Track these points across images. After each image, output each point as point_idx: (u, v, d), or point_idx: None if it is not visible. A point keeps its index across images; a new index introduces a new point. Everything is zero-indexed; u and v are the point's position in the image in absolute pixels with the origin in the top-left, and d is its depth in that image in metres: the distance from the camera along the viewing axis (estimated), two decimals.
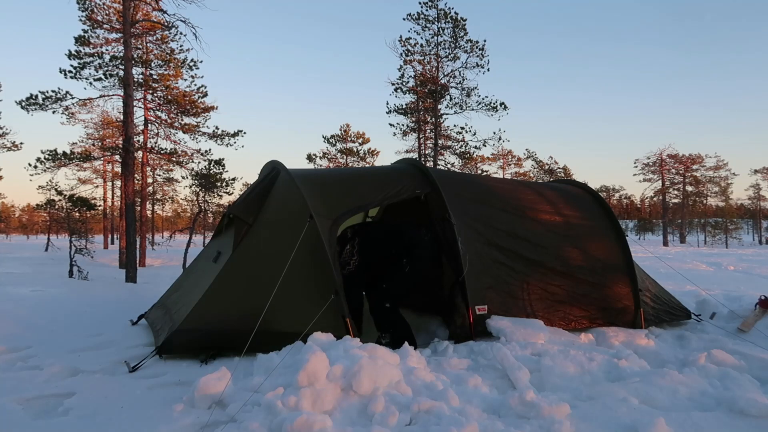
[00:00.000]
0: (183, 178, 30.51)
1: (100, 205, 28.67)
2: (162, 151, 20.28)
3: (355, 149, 37.72)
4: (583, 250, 4.89)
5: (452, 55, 22.88)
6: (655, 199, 49.43)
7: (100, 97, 17.06)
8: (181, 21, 11.02)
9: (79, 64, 17.00)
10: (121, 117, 12.35)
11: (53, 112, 16.41)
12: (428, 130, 25.78)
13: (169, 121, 20.04)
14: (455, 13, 22.60)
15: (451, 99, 23.15)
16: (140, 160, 19.70)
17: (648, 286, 5.15)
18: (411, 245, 4.43)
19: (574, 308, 4.60)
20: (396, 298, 4.32)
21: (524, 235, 4.72)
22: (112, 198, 35.07)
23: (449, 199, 4.49)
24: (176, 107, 19.62)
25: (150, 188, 28.20)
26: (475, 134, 25.45)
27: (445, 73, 22.99)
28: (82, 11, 17.12)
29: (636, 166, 46.47)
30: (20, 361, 3.81)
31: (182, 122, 20.14)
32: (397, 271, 4.35)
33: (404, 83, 24.16)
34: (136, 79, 16.08)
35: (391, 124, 26.66)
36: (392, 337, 4.01)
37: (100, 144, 24.71)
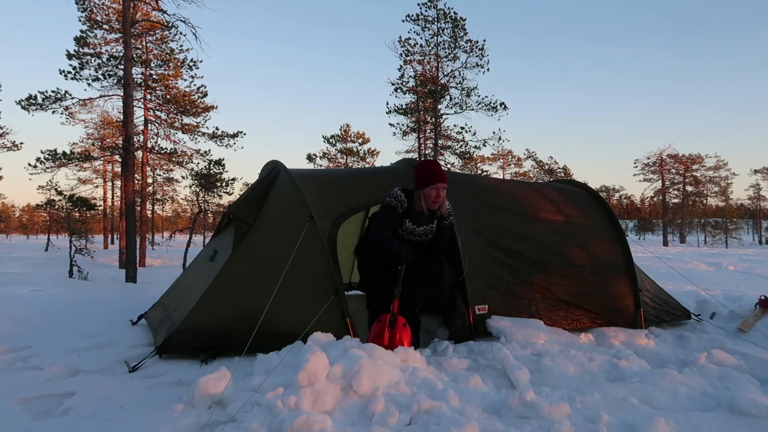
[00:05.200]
0: (183, 178, 30.51)
1: (100, 205, 28.71)
2: (162, 151, 20.30)
3: (355, 149, 37.75)
4: (583, 250, 4.89)
5: (452, 55, 22.91)
6: (655, 199, 49.52)
7: (100, 97, 17.10)
8: (181, 21, 11.04)
9: (78, 64, 17.01)
10: (121, 117, 12.35)
11: (53, 112, 16.45)
12: (428, 130, 25.81)
13: (168, 121, 20.05)
14: (455, 12, 22.63)
15: (451, 99, 23.19)
16: (140, 160, 19.71)
17: (647, 286, 5.16)
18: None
19: (575, 308, 4.59)
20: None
21: (525, 234, 4.72)
22: (112, 198, 35.12)
23: (449, 199, 4.48)
24: (176, 107, 19.63)
25: (150, 188, 28.22)
26: (475, 134, 25.54)
27: (445, 73, 23.02)
28: (82, 11, 17.12)
29: (636, 166, 46.64)
30: (20, 361, 3.81)
31: (182, 122, 20.17)
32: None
33: (404, 83, 24.19)
34: (135, 79, 16.07)
35: (391, 124, 26.70)
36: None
37: (100, 144, 24.71)
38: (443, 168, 3.98)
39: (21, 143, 26.65)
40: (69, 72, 16.81)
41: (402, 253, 3.66)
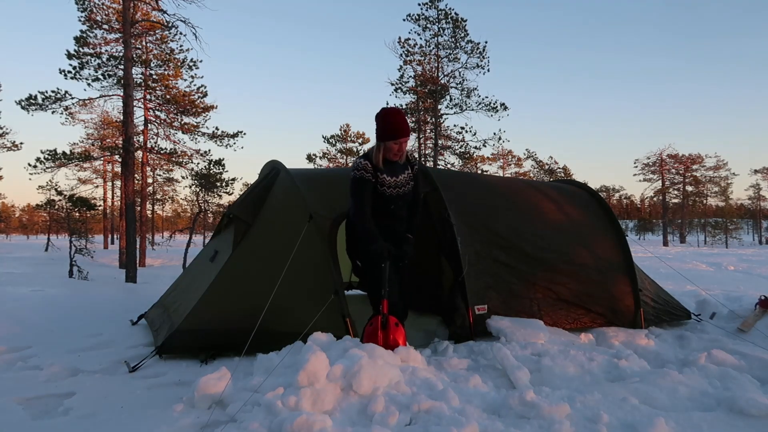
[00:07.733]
0: (183, 178, 30.56)
1: (100, 205, 28.72)
2: (162, 151, 20.31)
3: (355, 149, 37.75)
4: (583, 250, 4.88)
5: (452, 56, 22.91)
6: (655, 199, 49.52)
7: (100, 97, 17.12)
8: (181, 21, 11.06)
9: (78, 64, 17.02)
10: (121, 117, 12.36)
11: (53, 112, 16.46)
12: (428, 130, 25.78)
13: (168, 121, 20.06)
14: (456, 13, 22.61)
15: (450, 99, 23.19)
16: (140, 160, 19.72)
17: (647, 286, 5.15)
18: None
19: (575, 308, 4.59)
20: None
21: (525, 233, 4.72)
22: (112, 198, 35.14)
23: (449, 199, 4.49)
24: (176, 107, 19.64)
25: (150, 188, 28.23)
26: (475, 134, 25.56)
27: (445, 73, 23.02)
28: (82, 11, 17.12)
29: (636, 166, 46.65)
30: (20, 361, 3.81)
31: (182, 122, 20.17)
32: None
33: (404, 83, 24.20)
34: (135, 79, 16.08)
35: None
36: None
37: (100, 144, 24.72)
38: (442, 168, 3.88)
39: (21, 143, 26.71)
40: (69, 72, 16.82)
41: (383, 250, 3.40)
